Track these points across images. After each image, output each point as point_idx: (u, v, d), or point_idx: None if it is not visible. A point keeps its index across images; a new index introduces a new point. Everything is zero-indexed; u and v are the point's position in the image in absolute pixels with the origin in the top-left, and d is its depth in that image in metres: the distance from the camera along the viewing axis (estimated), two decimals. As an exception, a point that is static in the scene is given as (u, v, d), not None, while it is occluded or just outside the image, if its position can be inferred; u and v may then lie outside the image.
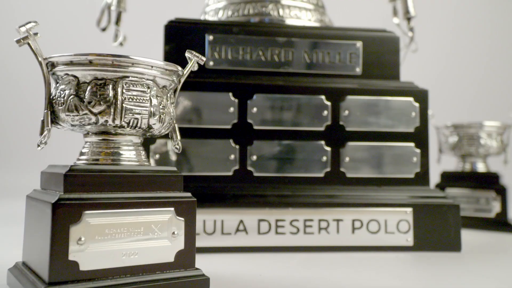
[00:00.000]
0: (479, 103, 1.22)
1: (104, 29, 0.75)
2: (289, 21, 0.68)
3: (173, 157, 0.58)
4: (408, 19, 0.77)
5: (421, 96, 0.61)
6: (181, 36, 0.61)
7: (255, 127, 0.59)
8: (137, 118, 0.35)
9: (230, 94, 0.59)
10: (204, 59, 0.42)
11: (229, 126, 0.58)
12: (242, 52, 0.62)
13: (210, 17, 0.71)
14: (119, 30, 0.74)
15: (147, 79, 0.36)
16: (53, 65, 0.36)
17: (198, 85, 0.58)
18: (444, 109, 0.92)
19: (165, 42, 0.61)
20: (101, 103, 0.34)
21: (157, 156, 0.57)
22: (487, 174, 0.78)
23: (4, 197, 1.11)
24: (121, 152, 0.37)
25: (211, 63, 0.61)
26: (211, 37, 0.61)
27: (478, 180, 0.77)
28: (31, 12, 1.25)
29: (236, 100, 0.59)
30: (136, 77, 0.36)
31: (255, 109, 0.59)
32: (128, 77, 0.35)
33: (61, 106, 0.35)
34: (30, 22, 0.34)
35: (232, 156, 0.58)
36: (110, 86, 0.35)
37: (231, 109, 0.59)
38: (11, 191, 1.14)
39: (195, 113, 0.58)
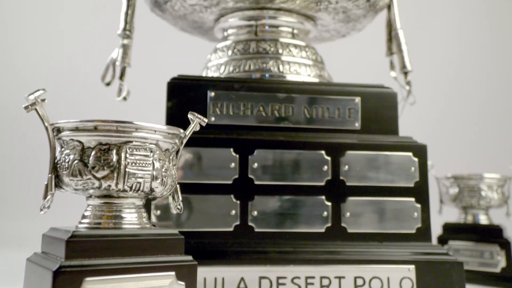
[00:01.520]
0: (479, 154, 1.23)
1: (108, 84, 0.77)
2: (289, 77, 0.70)
3: (174, 211, 0.58)
4: (405, 73, 0.79)
5: (420, 151, 0.62)
6: (183, 93, 0.63)
7: (256, 182, 0.59)
8: (139, 182, 0.36)
9: (231, 149, 0.59)
10: (206, 120, 0.43)
11: (230, 182, 0.59)
12: (243, 108, 0.63)
13: (212, 72, 0.73)
14: (123, 85, 0.75)
15: (150, 143, 0.37)
16: (59, 130, 0.36)
17: (200, 141, 0.59)
18: (444, 159, 0.93)
19: (168, 99, 0.62)
20: (105, 168, 0.35)
21: (158, 212, 0.57)
22: (490, 227, 0.77)
23: (4, 246, 1.10)
24: (123, 215, 0.37)
25: (213, 118, 0.62)
26: (212, 94, 0.63)
27: (481, 233, 0.77)
28: (36, 67, 1.28)
29: (237, 156, 0.59)
30: (140, 141, 0.36)
31: (256, 164, 0.60)
32: (131, 141, 0.36)
33: (65, 170, 0.35)
34: (38, 90, 0.36)
35: (233, 212, 0.58)
36: (114, 151, 0.35)
37: (232, 164, 0.59)
38: (10, 241, 1.13)
39: (196, 168, 0.58)
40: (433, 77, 1.29)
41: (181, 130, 0.40)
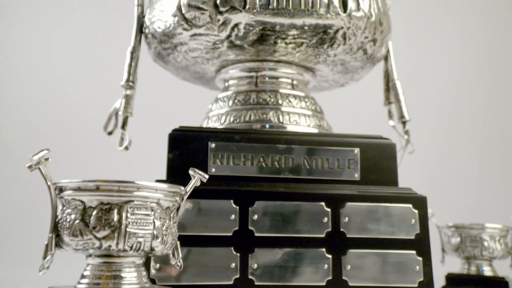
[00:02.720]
0: (480, 202, 1.22)
1: (110, 133, 0.78)
2: (289, 127, 0.71)
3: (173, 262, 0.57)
4: (403, 122, 0.80)
5: (420, 203, 0.62)
6: (184, 144, 0.63)
7: (256, 234, 0.59)
8: (140, 242, 0.36)
9: (232, 201, 0.59)
10: (207, 176, 0.43)
11: (230, 233, 0.59)
12: (243, 159, 0.64)
13: (213, 122, 0.74)
14: (125, 134, 0.76)
15: (151, 202, 0.37)
16: (61, 189, 0.37)
17: (200, 192, 0.59)
18: (445, 207, 0.92)
19: (169, 150, 0.63)
20: (106, 228, 0.35)
21: (158, 265, 0.56)
22: (495, 279, 0.76)
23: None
24: (122, 275, 0.37)
25: (213, 169, 0.63)
26: (213, 145, 0.64)
27: (486, 286, 0.75)
28: (38, 112, 1.30)
29: (237, 207, 0.59)
30: (141, 200, 0.37)
31: (256, 216, 0.59)
32: (133, 201, 0.36)
33: (66, 230, 0.35)
34: (42, 150, 0.36)
35: (233, 264, 0.58)
36: (115, 211, 0.36)
37: (232, 216, 0.59)
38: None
39: (196, 220, 0.58)
40: (431, 125, 1.31)
41: (182, 188, 0.40)
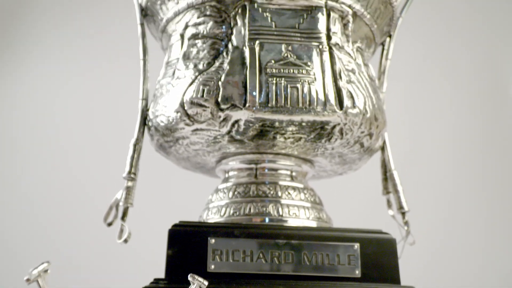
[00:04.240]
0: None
1: (110, 224, 0.78)
2: (289, 220, 0.71)
3: None
4: (403, 213, 0.80)
5: (424, 303, 0.61)
6: (184, 240, 0.63)
7: (256, 337, 0.57)
8: None
9: (231, 301, 0.58)
10: (206, 283, 0.43)
11: (228, 336, 0.57)
12: (243, 255, 0.63)
13: (213, 214, 0.74)
14: (124, 226, 0.76)
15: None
16: (58, 304, 0.36)
17: (199, 292, 0.58)
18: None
19: (168, 246, 0.63)
20: None
21: None
22: None
23: None
24: None
25: (212, 266, 0.62)
26: (213, 241, 0.63)
27: None
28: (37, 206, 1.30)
29: (237, 308, 0.58)
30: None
31: (255, 317, 0.58)
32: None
33: None
34: (43, 263, 0.36)
35: None
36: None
37: (231, 317, 0.58)
38: None
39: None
40: (431, 215, 1.30)
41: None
